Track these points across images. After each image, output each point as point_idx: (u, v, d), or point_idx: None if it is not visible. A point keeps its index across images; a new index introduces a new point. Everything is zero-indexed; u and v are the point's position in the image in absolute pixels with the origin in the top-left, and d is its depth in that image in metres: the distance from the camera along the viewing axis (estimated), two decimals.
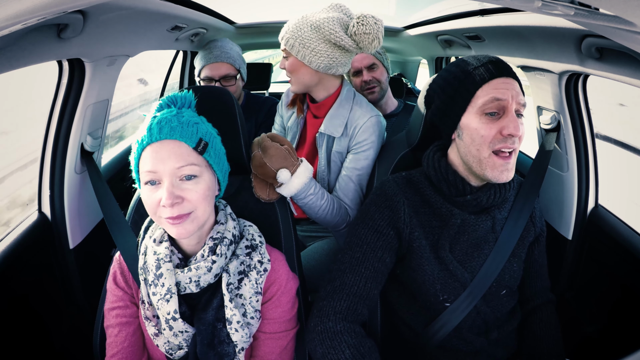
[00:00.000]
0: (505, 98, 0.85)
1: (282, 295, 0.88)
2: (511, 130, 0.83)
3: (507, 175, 0.87)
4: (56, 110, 1.25)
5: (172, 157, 0.74)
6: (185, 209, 0.76)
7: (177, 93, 0.84)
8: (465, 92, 0.89)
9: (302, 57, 1.23)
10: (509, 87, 0.85)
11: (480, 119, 0.87)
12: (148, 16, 1.22)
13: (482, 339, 0.94)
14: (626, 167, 5.29)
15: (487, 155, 0.86)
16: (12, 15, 0.58)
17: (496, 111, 0.86)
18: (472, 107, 0.88)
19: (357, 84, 1.86)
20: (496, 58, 0.90)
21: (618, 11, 0.52)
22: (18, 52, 0.87)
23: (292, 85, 1.34)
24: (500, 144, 0.85)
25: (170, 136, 0.75)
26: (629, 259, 1.17)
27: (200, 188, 0.77)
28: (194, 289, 0.80)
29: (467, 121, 0.89)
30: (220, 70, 1.72)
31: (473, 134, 0.87)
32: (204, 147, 0.78)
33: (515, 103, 0.85)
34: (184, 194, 0.75)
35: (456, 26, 1.68)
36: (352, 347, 0.84)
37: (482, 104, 0.86)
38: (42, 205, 1.30)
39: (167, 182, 0.74)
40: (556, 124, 1.32)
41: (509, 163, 0.86)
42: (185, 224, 0.76)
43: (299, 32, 1.23)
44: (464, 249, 0.93)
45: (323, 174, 1.34)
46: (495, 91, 0.85)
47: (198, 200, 0.77)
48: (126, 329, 0.85)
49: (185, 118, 0.78)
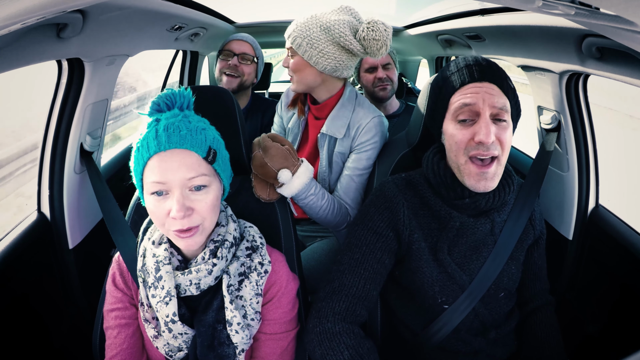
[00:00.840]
0: (473, 103, 0.84)
1: (283, 296, 0.88)
2: (481, 137, 0.82)
3: (485, 185, 0.86)
4: (55, 110, 1.25)
5: (182, 168, 0.71)
6: (194, 221, 0.74)
7: (173, 90, 0.79)
8: (442, 98, 0.90)
9: (309, 57, 1.22)
10: (480, 92, 0.84)
11: (455, 125, 0.87)
12: (148, 15, 1.22)
13: (480, 339, 0.94)
14: (626, 167, 5.29)
15: (464, 162, 0.86)
16: (11, 15, 0.58)
17: (469, 117, 0.85)
18: (448, 113, 0.89)
19: (369, 80, 1.86)
20: (475, 61, 0.88)
21: (619, 11, 0.52)
22: (17, 51, 0.87)
23: (293, 84, 1.33)
24: (474, 151, 0.84)
25: (181, 145, 0.71)
26: (629, 259, 1.17)
27: (210, 198, 0.75)
28: (194, 291, 0.80)
29: (446, 127, 0.90)
30: (242, 47, 1.80)
31: (450, 140, 0.89)
32: (214, 156, 0.76)
33: (489, 107, 0.83)
34: (194, 205, 0.74)
35: (456, 26, 1.67)
36: (350, 348, 0.83)
37: (454, 110, 0.87)
38: (41, 205, 1.29)
39: (178, 193, 0.72)
40: (557, 124, 1.32)
41: (487, 172, 0.84)
42: (195, 237, 0.75)
43: (308, 32, 1.21)
44: (462, 252, 0.93)
45: (324, 174, 1.33)
46: (464, 97, 0.85)
47: (207, 211, 0.75)
48: (125, 331, 0.85)
49: (193, 124, 0.75)
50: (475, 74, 0.86)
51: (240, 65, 1.78)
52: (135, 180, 0.77)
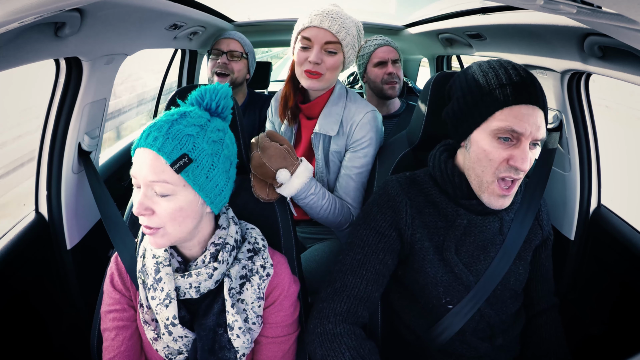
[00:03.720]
0: (522, 132, 0.79)
1: (285, 300, 0.87)
2: (518, 163, 0.79)
3: (503, 203, 0.85)
4: (53, 110, 1.24)
5: (147, 169, 0.71)
6: (153, 222, 0.72)
7: (210, 87, 0.79)
8: (484, 108, 0.82)
9: (348, 58, 1.20)
10: (530, 120, 0.79)
11: (492, 141, 0.82)
12: (146, 14, 1.21)
13: (487, 344, 0.93)
14: (628, 166, 5.28)
15: (490, 181, 0.84)
16: (8, 14, 0.57)
17: (510, 137, 0.81)
18: (486, 125, 0.82)
19: (377, 75, 1.82)
20: (530, 80, 0.82)
21: (621, 9, 0.51)
22: (15, 50, 0.86)
23: (321, 82, 1.22)
24: (505, 173, 0.82)
25: (151, 146, 0.70)
26: (632, 260, 1.16)
27: (170, 207, 0.72)
28: (193, 294, 0.79)
29: (478, 138, 0.84)
30: (229, 45, 1.81)
31: (481, 154, 0.83)
32: (182, 166, 0.71)
33: (532, 137, 0.80)
34: (154, 207, 0.72)
35: (457, 24, 1.66)
36: (352, 350, 0.83)
37: (497, 128, 0.80)
38: (39, 205, 1.29)
39: (142, 190, 0.72)
40: (558, 124, 1.31)
41: (508, 195, 0.84)
42: (156, 237, 0.74)
43: (351, 30, 1.18)
44: (470, 251, 0.91)
45: (322, 174, 1.32)
46: (514, 120, 0.79)
47: (166, 218, 0.72)
48: (123, 333, 0.84)
49: (178, 127, 0.72)
50: (525, 96, 0.80)
51: (230, 63, 1.80)
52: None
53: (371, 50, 1.84)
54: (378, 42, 1.84)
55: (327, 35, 1.17)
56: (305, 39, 1.20)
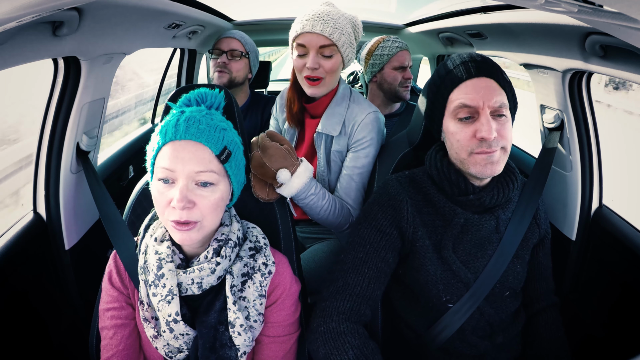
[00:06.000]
0: (473, 105, 0.84)
1: (286, 299, 0.87)
2: (483, 133, 0.82)
3: (492, 169, 0.85)
4: (51, 109, 1.23)
5: (193, 160, 0.72)
6: (194, 216, 0.73)
7: (208, 89, 0.82)
8: (440, 96, 0.90)
9: (347, 56, 1.18)
10: (482, 92, 0.83)
11: (456, 124, 0.87)
12: (145, 13, 1.20)
13: (487, 342, 0.93)
14: (629, 166, 5.28)
15: (467, 157, 0.86)
16: (6, 13, 0.57)
17: (469, 115, 0.85)
18: (447, 111, 0.89)
19: (396, 78, 1.83)
20: (470, 57, 0.88)
21: (622, 8, 0.51)
22: (12, 50, 0.86)
23: (322, 87, 1.21)
24: (478, 148, 0.84)
25: (197, 138, 0.73)
26: (633, 260, 1.16)
27: (214, 197, 0.75)
28: (195, 290, 0.79)
29: (446, 125, 0.90)
30: (230, 44, 1.81)
31: (451, 138, 0.88)
32: (227, 156, 0.76)
33: (488, 106, 0.83)
34: (196, 200, 0.73)
35: (458, 23, 1.66)
36: (355, 348, 0.82)
37: (453, 109, 0.87)
38: (37, 205, 1.28)
39: (183, 183, 0.72)
40: (559, 123, 1.30)
41: (492, 155, 0.84)
42: (191, 232, 0.74)
43: (345, 29, 1.16)
44: (467, 249, 0.92)
45: (323, 174, 1.32)
46: (464, 96, 0.85)
47: (209, 210, 0.75)
48: (121, 332, 0.83)
49: (214, 122, 0.76)
50: (472, 70, 0.86)
51: (230, 62, 1.79)
52: (148, 163, 0.78)
53: (393, 52, 1.82)
54: (400, 45, 1.83)
55: (320, 40, 1.17)
56: (300, 46, 1.20)
